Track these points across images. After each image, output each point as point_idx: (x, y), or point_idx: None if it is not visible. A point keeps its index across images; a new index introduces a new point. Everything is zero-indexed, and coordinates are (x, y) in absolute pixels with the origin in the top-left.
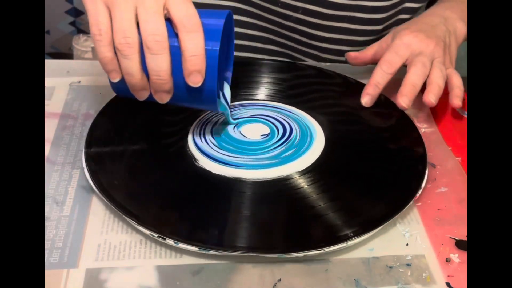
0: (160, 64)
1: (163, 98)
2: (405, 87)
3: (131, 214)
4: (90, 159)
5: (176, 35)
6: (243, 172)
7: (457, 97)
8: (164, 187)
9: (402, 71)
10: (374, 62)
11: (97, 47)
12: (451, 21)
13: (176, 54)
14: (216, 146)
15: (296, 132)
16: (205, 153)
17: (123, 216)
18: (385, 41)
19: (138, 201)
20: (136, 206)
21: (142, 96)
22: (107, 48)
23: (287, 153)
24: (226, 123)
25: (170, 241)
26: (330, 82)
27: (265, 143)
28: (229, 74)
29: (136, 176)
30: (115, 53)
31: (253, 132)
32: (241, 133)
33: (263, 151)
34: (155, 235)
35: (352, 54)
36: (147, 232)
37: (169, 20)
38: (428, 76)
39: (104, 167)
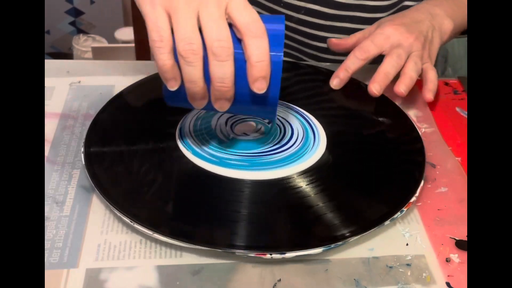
0: (226, 71)
1: (224, 106)
2: (378, 75)
3: (131, 214)
4: (90, 159)
5: (238, 41)
6: (243, 173)
7: (430, 91)
8: (164, 187)
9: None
10: None
11: (157, 54)
12: (438, 18)
13: (238, 60)
14: (215, 147)
15: (301, 134)
16: (200, 156)
17: (123, 216)
18: (368, 31)
19: (138, 201)
20: (136, 206)
21: (201, 105)
22: (168, 56)
23: (289, 153)
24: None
25: (172, 241)
26: (326, 82)
27: (266, 145)
28: None
29: (136, 176)
30: (176, 60)
31: (244, 130)
32: (233, 132)
33: (266, 153)
34: (156, 235)
35: (334, 40)
36: (148, 232)
37: (230, 26)
38: (402, 68)
39: (104, 167)
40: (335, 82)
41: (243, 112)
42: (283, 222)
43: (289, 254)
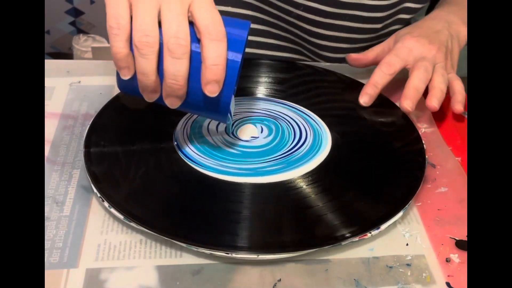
0: (179, 68)
1: (174, 103)
2: (409, 91)
3: (132, 215)
4: (90, 159)
5: (198, 41)
6: (244, 179)
7: (459, 103)
8: (164, 187)
9: (403, 73)
10: (374, 64)
11: (112, 41)
12: (454, 25)
13: (194, 60)
14: (217, 156)
15: (310, 135)
16: (201, 164)
17: (123, 217)
18: (387, 44)
19: (138, 201)
20: (136, 207)
21: (151, 98)
22: (124, 44)
23: (296, 157)
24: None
25: (175, 242)
26: (329, 83)
27: (280, 150)
28: (236, 85)
29: (136, 177)
30: (131, 49)
31: (248, 132)
32: (236, 136)
33: (275, 157)
34: (159, 235)
35: (353, 55)
36: (150, 232)
37: (191, 24)
38: (430, 81)
39: (103, 167)
40: (366, 99)
41: (194, 112)
42: (284, 223)
43: (383, 226)
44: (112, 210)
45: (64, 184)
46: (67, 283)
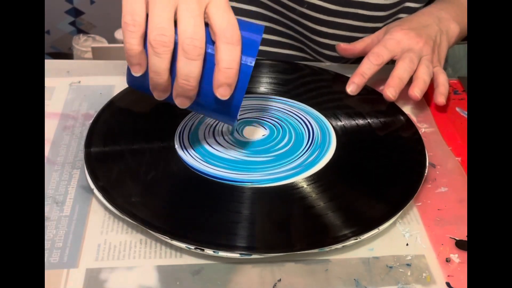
0: (192, 70)
1: (184, 103)
2: (392, 80)
3: (132, 215)
4: (90, 159)
5: (212, 43)
6: (247, 183)
7: (441, 95)
8: (165, 187)
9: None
10: (363, 55)
11: (126, 37)
12: (445, 21)
13: (208, 62)
14: (225, 166)
15: (319, 135)
16: (206, 173)
17: (124, 217)
18: (376, 36)
19: (139, 201)
20: (137, 206)
21: (161, 96)
22: (138, 41)
23: (307, 162)
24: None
25: (178, 243)
26: (329, 82)
27: (294, 151)
28: None
29: (136, 177)
30: (144, 47)
31: (258, 133)
32: (244, 136)
33: (288, 160)
34: (165, 237)
35: (343, 45)
36: (156, 234)
37: (206, 25)
38: (415, 72)
39: (104, 167)
40: (352, 88)
41: (202, 113)
42: (285, 222)
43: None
44: (112, 210)
45: (64, 184)
46: (67, 283)
